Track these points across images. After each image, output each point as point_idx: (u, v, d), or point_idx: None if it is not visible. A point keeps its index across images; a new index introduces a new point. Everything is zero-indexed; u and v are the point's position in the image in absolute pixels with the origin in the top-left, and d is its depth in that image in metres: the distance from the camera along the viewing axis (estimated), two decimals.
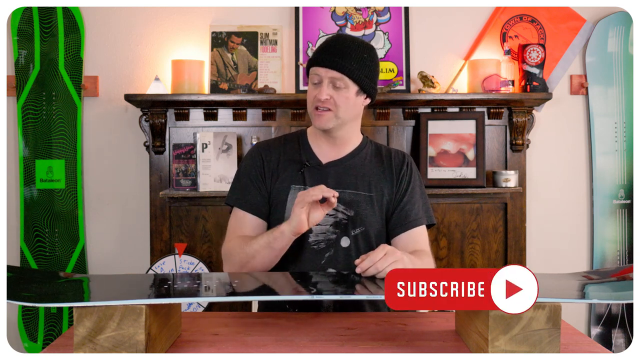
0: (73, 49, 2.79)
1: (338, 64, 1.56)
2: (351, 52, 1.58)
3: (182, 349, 1.26)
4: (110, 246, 2.86)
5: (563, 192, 2.93)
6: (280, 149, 1.70)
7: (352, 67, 1.57)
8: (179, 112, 2.73)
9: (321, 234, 1.61)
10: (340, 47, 1.58)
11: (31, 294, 1.23)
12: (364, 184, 1.65)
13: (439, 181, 2.74)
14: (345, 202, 1.62)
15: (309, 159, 1.67)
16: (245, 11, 2.83)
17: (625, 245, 2.91)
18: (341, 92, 1.58)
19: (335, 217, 1.61)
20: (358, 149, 1.70)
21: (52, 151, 2.79)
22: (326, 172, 1.65)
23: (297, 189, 1.62)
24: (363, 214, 1.62)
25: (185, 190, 2.68)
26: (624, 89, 2.89)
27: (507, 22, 2.84)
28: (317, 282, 1.37)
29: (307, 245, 1.61)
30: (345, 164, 1.67)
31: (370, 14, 2.83)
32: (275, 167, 1.67)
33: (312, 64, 1.60)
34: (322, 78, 1.58)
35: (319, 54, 1.60)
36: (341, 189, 1.62)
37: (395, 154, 1.72)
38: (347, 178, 1.65)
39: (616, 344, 2.89)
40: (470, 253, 2.82)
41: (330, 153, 1.68)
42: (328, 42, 1.62)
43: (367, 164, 1.68)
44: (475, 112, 2.78)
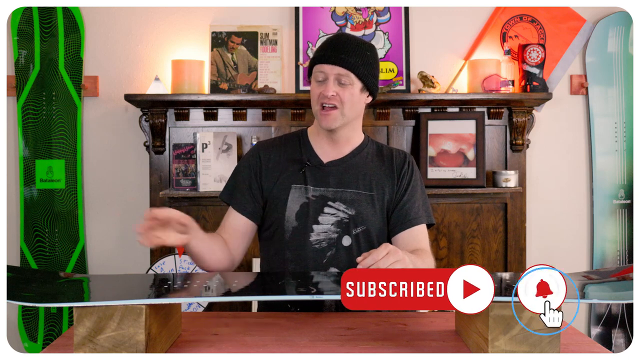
0: (73, 49, 2.79)
1: (344, 61, 1.56)
2: (355, 49, 1.59)
3: (182, 349, 1.26)
4: (110, 246, 2.86)
5: (563, 192, 2.93)
6: (281, 149, 1.70)
7: (357, 63, 1.58)
8: (179, 112, 2.73)
9: (322, 233, 1.61)
10: (344, 44, 1.59)
11: (31, 294, 1.23)
12: (365, 183, 1.65)
13: (439, 181, 2.74)
14: (347, 201, 1.62)
15: (310, 158, 1.67)
16: (245, 11, 2.83)
17: (625, 245, 2.91)
18: (347, 88, 1.58)
19: (336, 217, 1.61)
20: (359, 148, 1.70)
21: (52, 151, 2.79)
22: (327, 172, 1.65)
23: (298, 189, 1.62)
24: (364, 213, 1.62)
25: (185, 190, 2.68)
26: (624, 89, 2.89)
27: (507, 22, 2.84)
28: (317, 282, 1.37)
29: (309, 245, 1.60)
30: (347, 163, 1.67)
31: (370, 14, 2.83)
32: (275, 166, 1.67)
33: (317, 62, 1.60)
34: (327, 75, 1.58)
35: (324, 51, 1.60)
36: (342, 189, 1.62)
37: (396, 153, 1.72)
38: (348, 177, 1.65)
39: (616, 344, 2.89)
40: (470, 253, 2.82)
41: (331, 152, 1.68)
42: (331, 40, 1.62)
43: (368, 163, 1.68)
44: (475, 112, 2.78)
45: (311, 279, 1.40)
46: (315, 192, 1.62)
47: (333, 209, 1.60)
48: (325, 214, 1.61)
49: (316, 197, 1.62)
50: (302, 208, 1.61)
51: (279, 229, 1.63)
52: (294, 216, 1.61)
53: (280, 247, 1.63)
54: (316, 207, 1.61)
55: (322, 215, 1.61)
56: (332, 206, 1.61)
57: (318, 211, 1.61)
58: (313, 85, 1.61)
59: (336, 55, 1.57)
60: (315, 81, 1.61)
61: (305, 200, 1.62)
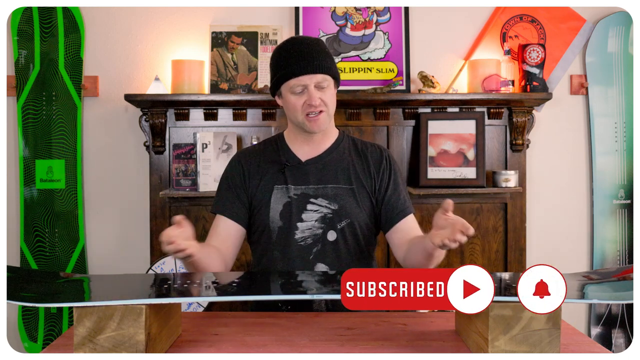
0: (73, 49, 2.79)
1: (319, 67, 1.59)
2: (319, 51, 1.62)
3: (182, 349, 1.26)
4: (110, 246, 2.86)
5: (563, 192, 2.93)
6: (259, 154, 1.74)
7: (328, 64, 1.62)
8: (179, 112, 2.73)
9: (307, 230, 1.64)
10: (308, 50, 1.60)
11: (31, 294, 1.23)
12: (344, 177, 1.68)
13: (439, 181, 2.74)
14: (329, 197, 1.65)
15: (289, 159, 1.70)
16: (245, 11, 2.83)
17: (625, 245, 2.91)
18: (326, 91, 1.62)
19: (319, 213, 1.64)
20: (335, 143, 1.73)
21: (52, 151, 2.79)
22: (306, 170, 1.68)
23: (280, 189, 1.66)
24: (347, 207, 1.65)
25: (185, 190, 2.68)
26: (624, 89, 2.89)
27: (507, 22, 2.84)
28: (313, 282, 1.37)
29: (294, 242, 1.64)
30: (325, 160, 1.70)
31: (370, 14, 2.83)
32: (256, 170, 1.70)
33: (291, 76, 1.59)
34: (307, 84, 1.60)
35: (294, 64, 1.59)
36: (322, 185, 1.66)
37: (371, 148, 1.75)
38: (328, 173, 1.68)
39: (616, 344, 2.89)
40: (470, 253, 2.82)
41: (309, 151, 1.71)
42: (293, 49, 1.61)
43: (345, 157, 1.71)
44: (475, 112, 2.78)
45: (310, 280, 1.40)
46: (297, 190, 1.66)
47: (316, 206, 1.64)
48: (308, 211, 1.64)
49: (298, 196, 1.65)
50: (285, 207, 1.65)
51: (266, 230, 1.66)
52: (278, 216, 1.65)
53: (269, 247, 1.67)
54: (299, 205, 1.64)
55: (305, 213, 1.64)
56: (314, 203, 1.64)
57: (301, 209, 1.64)
58: (291, 97, 1.62)
59: (311, 64, 1.58)
60: (292, 94, 1.61)
61: (287, 199, 1.65)
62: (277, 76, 1.62)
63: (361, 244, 1.67)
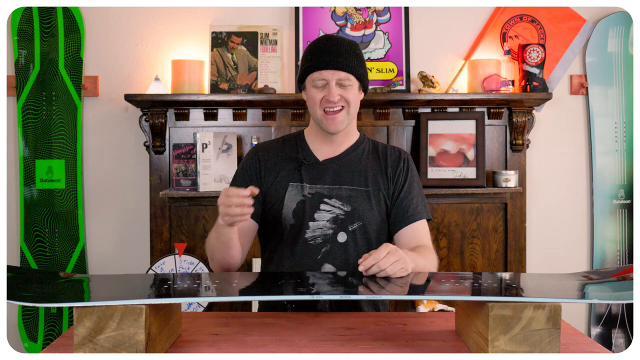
0: (73, 49, 2.79)
1: (343, 64, 1.59)
2: (349, 51, 1.61)
3: (182, 349, 1.26)
4: (110, 246, 2.86)
5: (563, 192, 2.93)
6: (278, 149, 1.73)
7: (355, 64, 1.61)
8: (179, 112, 2.73)
9: (318, 229, 1.63)
10: (337, 47, 1.61)
11: (31, 294, 1.23)
12: (361, 179, 1.67)
13: (439, 181, 2.74)
14: (342, 198, 1.64)
15: (306, 157, 1.69)
16: (245, 11, 2.83)
17: (625, 245, 2.91)
18: (348, 89, 1.61)
19: (332, 213, 1.63)
20: (355, 145, 1.72)
21: (52, 151, 2.79)
22: (323, 169, 1.68)
23: (295, 187, 1.65)
24: (360, 209, 1.64)
25: (185, 190, 2.68)
26: (624, 89, 2.89)
27: (507, 22, 2.84)
28: (314, 283, 1.37)
29: (304, 241, 1.63)
30: (342, 161, 1.69)
31: (370, 14, 2.83)
32: (272, 165, 1.69)
33: (315, 69, 1.61)
34: (328, 80, 1.60)
35: (320, 58, 1.60)
36: (338, 185, 1.65)
37: (391, 151, 1.74)
38: (344, 174, 1.67)
39: (616, 344, 2.89)
40: (470, 253, 2.82)
41: (328, 151, 1.70)
42: (323, 45, 1.62)
43: (363, 160, 1.70)
44: (475, 112, 2.78)
45: (308, 279, 1.40)
46: (312, 189, 1.65)
47: (329, 206, 1.63)
48: (321, 211, 1.63)
49: (312, 195, 1.64)
50: (299, 205, 1.64)
51: (278, 227, 1.66)
52: (291, 214, 1.64)
53: (279, 244, 1.66)
54: (312, 204, 1.63)
55: (318, 212, 1.63)
56: (328, 203, 1.64)
57: (314, 208, 1.63)
58: (312, 91, 1.63)
59: (335, 60, 1.59)
60: (313, 87, 1.62)
61: (301, 197, 1.64)
62: (302, 68, 1.64)
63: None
